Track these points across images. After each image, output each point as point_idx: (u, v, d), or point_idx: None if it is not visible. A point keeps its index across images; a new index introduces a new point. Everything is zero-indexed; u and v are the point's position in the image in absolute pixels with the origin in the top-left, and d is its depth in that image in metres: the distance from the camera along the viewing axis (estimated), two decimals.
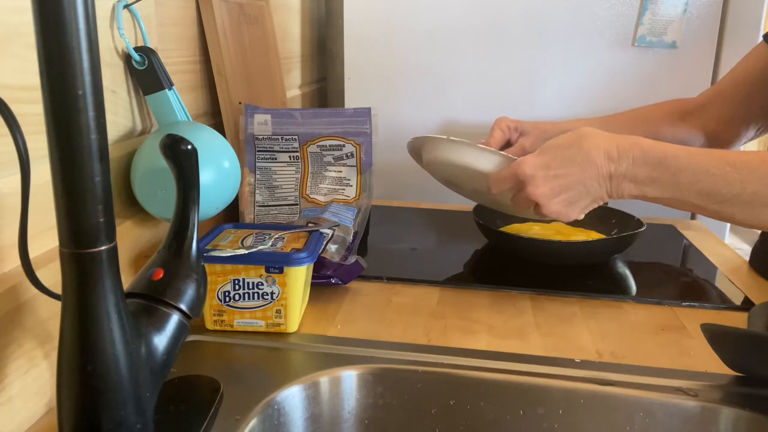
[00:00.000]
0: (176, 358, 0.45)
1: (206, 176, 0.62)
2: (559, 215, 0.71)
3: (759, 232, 1.01)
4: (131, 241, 0.64)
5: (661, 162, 0.67)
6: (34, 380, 0.50)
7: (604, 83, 1.25)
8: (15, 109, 0.41)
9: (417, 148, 0.87)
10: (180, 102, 0.67)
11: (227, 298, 0.63)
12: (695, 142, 1.01)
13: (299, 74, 1.30)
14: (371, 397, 0.59)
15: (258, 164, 0.89)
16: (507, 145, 1.03)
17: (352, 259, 0.77)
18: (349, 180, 0.91)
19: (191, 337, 0.63)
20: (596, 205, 0.72)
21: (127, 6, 0.61)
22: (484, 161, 0.76)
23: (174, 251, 0.46)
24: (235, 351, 0.61)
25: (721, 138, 1.00)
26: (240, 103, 0.87)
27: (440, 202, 1.21)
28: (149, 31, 0.66)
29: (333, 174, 0.91)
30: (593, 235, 0.92)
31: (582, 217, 0.73)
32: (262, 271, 0.62)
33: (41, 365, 0.50)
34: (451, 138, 0.78)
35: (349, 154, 0.91)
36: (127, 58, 0.63)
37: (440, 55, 1.28)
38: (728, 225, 1.34)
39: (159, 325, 0.43)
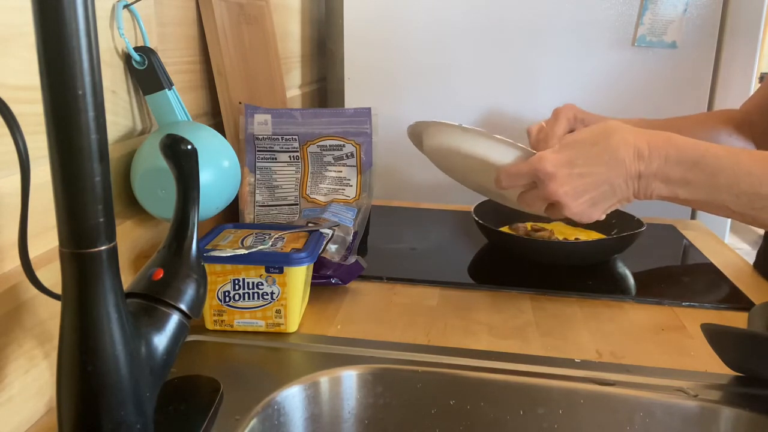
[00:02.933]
0: (176, 358, 0.45)
1: (206, 176, 0.62)
2: (582, 216, 0.65)
3: (761, 233, 1.01)
4: (131, 241, 0.64)
5: (698, 162, 0.61)
6: (34, 380, 0.50)
7: (604, 83, 1.25)
8: (15, 109, 0.41)
9: (418, 132, 0.81)
10: (180, 102, 0.67)
11: (227, 298, 0.63)
12: None
13: (299, 74, 1.30)
14: (371, 397, 0.59)
15: (258, 164, 0.89)
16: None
17: (352, 259, 0.77)
18: (349, 180, 0.91)
19: (191, 337, 0.63)
20: (620, 206, 0.67)
21: (127, 6, 0.61)
22: (500, 153, 0.69)
23: (174, 251, 0.46)
24: (235, 351, 0.61)
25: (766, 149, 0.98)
26: (240, 103, 0.87)
27: (440, 202, 1.21)
28: (149, 31, 0.66)
29: (333, 174, 0.91)
30: (593, 235, 0.92)
31: (603, 217, 0.67)
32: (262, 271, 0.62)
33: (41, 365, 0.50)
34: (462, 125, 0.72)
35: (349, 154, 0.91)
36: (127, 58, 0.63)
37: (440, 55, 1.28)
38: (728, 225, 1.34)
39: (159, 325, 0.43)
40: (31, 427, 0.50)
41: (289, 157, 0.90)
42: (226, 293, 0.63)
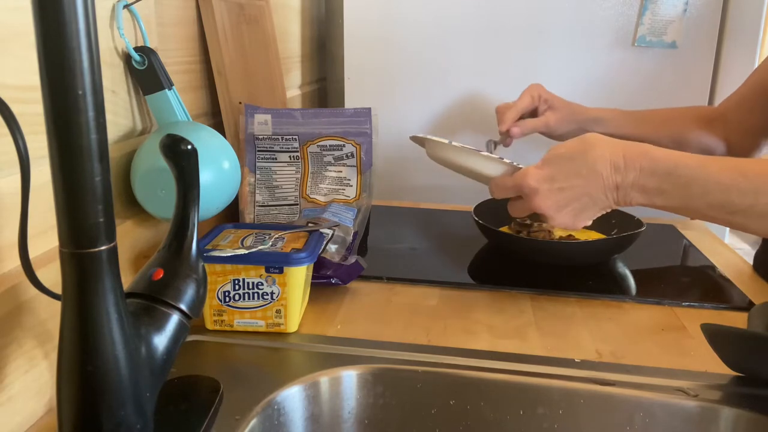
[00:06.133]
0: (176, 358, 0.45)
1: (206, 176, 0.62)
2: (566, 226, 0.70)
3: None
4: (131, 241, 0.64)
5: (671, 172, 0.65)
6: (34, 380, 0.50)
7: (604, 83, 1.25)
8: (15, 109, 0.41)
9: (419, 141, 0.85)
10: (180, 102, 0.67)
11: (227, 298, 0.63)
12: (718, 150, 1.00)
13: (299, 74, 1.30)
14: (371, 397, 0.59)
15: (258, 164, 0.89)
16: (533, 114, 1.03)
17: (352, 259, 0.77)
18: (349, 180, 0.91)
19: (191, 337, 0.63)
20: (604, 213, 0.70)
21: (127, 6, 0.61)
22: (489, 167, 0.74)
23: (174, 251, 0.46)
24: (235, 351, 0.61)
25: (740, 148, 0.99)
26: (240, 103, 0.87)
27: (440, 202, 1.21)
28: (149, 31, 0.66)
29: (333, 174, 0.91)
30: (593, 235, 0.92)
31: (589, 223, 0.71)
32: (262, 271, 0.62)
33: (41, 365, 0.50)
34: (453, 143, 0.77)
35: (349, 154, 0.91)
36: (127, 58, 0.63)
37: (440, 55, 1.28)
38: None
39: (159, 325, 0.43)
40: (31, 427, 0.50)
41: (289, 157, 0.90)
42: (226, 293, 0.63)
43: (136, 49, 0.63)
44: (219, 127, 0.84)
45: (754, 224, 0.65)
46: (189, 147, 0.44)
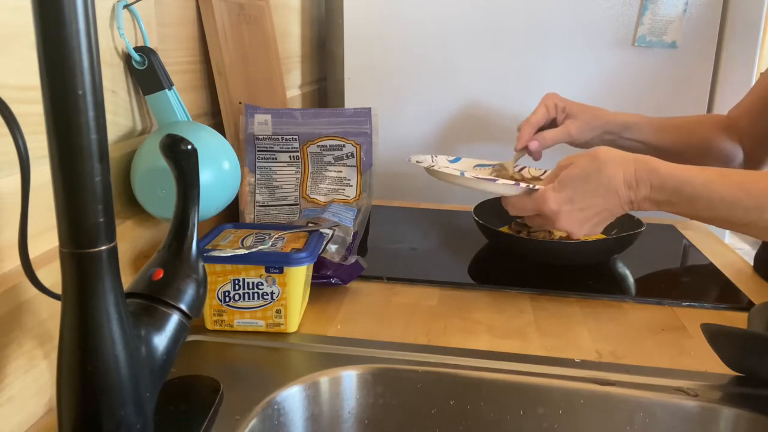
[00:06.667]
0: (176, 358, 0.45)
1: (206, 176, 0.62)
2: (587, 235, 0.75)
3: None
4: (131, 241, 0.64)
5: (678, 190, 0.69)
6: (34, 380, 0.50)
7: (604, 83, 1.25)
8: (15, 109, 0.41)
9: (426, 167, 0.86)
10: (180, 102, 0.67)
11: (227, 298, 0.63)
12: (738, 156, 1.01)
13: (299, 74, 1.30)
14: (371, 397, 0.59)
15: (258, 164, 0.89)
16: (552, 124, 1.00)
17: (352, 259, 0.77)
18: (349, 180, 0.91)
19: (191, 337, 0.63)
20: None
21: (127, 6, 0.61)
22: (504, 190, 0.77)
23: (174, 251, 0.46)
24: (235, 351, 0.61)
25: (754, 155, 1.00)
26: (240, 103, 0.87)
27: (440, 202, 1.21)
28: (149, 31, 0.66)
29: (333, 174, 0.91)
30: (593, 235, 0.92)
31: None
32: (262, 271, 0.62)
33: (41, 365, 0.50)
34: (464, 174, 0.78)
35: (349, 154, 0.91)
36: (127, 58, 0.63)
37: (440, 55, 1.28)
38: None
39: (159, 325, 0.43)
40: (31, 427, 0.50)
41: (289, 157, 0.90)
42: (226, 293, 0.63)
43: (136, 49, 0.63)
44: (219, 127, 0.84)
45: (760, 234, 0.70)
46: (189, 147, 0.44)
